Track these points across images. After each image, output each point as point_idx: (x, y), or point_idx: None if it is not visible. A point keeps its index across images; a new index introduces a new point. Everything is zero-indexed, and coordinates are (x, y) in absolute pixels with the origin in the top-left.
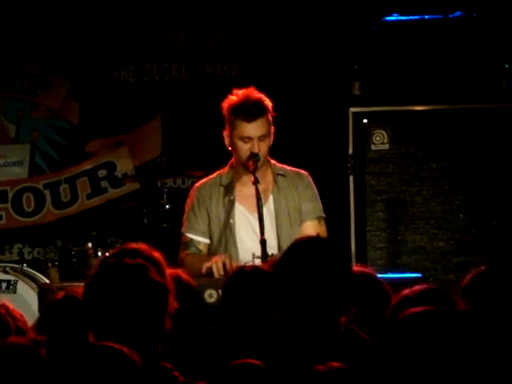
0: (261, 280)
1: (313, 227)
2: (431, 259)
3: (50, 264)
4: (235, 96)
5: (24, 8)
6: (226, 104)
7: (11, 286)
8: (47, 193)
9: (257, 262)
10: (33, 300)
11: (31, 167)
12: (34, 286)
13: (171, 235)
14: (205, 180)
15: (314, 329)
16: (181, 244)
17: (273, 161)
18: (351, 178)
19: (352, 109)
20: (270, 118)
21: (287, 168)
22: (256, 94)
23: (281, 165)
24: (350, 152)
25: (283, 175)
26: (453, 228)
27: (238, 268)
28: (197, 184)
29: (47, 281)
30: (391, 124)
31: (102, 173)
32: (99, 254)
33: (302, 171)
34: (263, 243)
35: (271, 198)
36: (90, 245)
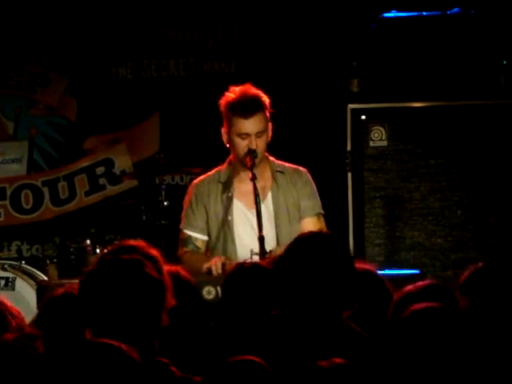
0: (260, 277)
1: (312, 224)
2: (429, 256)
3: (49, 261)
4: (232, 93)
5: (22, 5)
6: (224, 101)
7: (10, 283)
8: (45, 190)
9: (255, 259)
10: (31, 297)
11: (29, 164)
12: (33, 283)
13: (169, 232)
14: (203, 177)
15: (317, 325)
16: (179, 241)
17: (271, 158)
18: (349, 175)
19: (350, 105)
20: (268, 115)
21: (286, 165)
22: (253, 91)
23: (279, 162)
24: (349, 148)
25: (282, 172)
26: (451, 224)
27: (238, 265)
28: (195, 181)
29: (46, 278)
30: (389, 120)
31: (100, 170)
32: (97, 251)
33: (301, 168)
34: (261, 240)
35: (270, 195)
36: (89, 242)
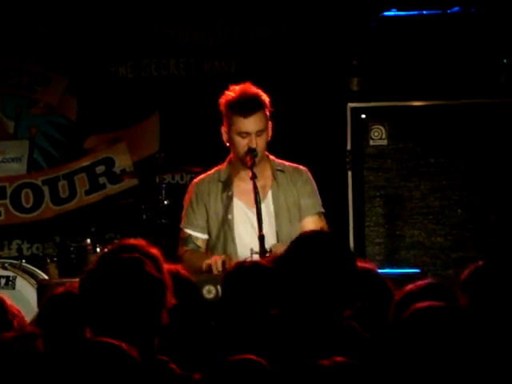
0: (260, 275)
1: (313, 223)
2: (429, 254)
3: (49, 260)
4: (232, 92)
5: (22, 4)
6: (223, 100)
7: (10, 282)
8: (46, 189)
9: (255, 258)
10: (32, 296)
11: (30, 163)
12: (33, 282)
13: (170, 231)
14: (203, 176)
15: (319, 324)
16: (179, 240)
17: (272, 156)
18: (349, 174)
19: (350, 104)
20: (268, 113)
21: (286, 164)
22: (252, 89)
23: (280, 160)
24: (349, 147)
25: (282, 171)
26: (451, 223)
27: (238, 263)
28: (195, 180)
29: (46, 277)
30: (389, 119)
31: (101, 169)
32: (98, 250)
33: (301, 167)
34: (261, 239)
35: (270, 194)
36: (89, 241)
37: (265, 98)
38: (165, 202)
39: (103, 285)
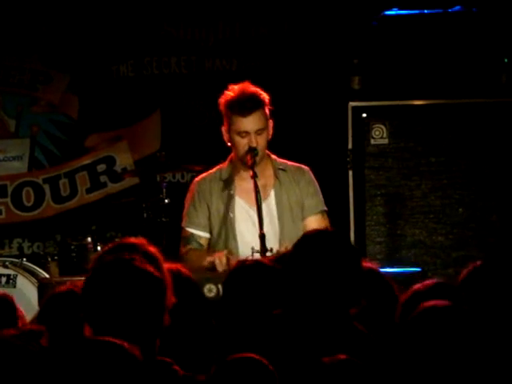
0: (262, 274)
1: (316, 222)
2: (430, 253)
3: (50, 258)
4: (231, 91)
5: (24, 3)
6: (222, 100)
7: (11, 281)
8: (47, 187)
9: (256, 257)
10: (32, 294)
11: (31, 162)
12: (34, 281)
13: (171, 229)
14: (205, 174)
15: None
16: (181, 239)
17: (273, 156)
18: (350, 173)
19: (351, 103)
20: (267, 112)
21: (288, 163)
22: (251, 88)
23: (281, 160)
24: (349, 146)
25: (284, 170)
26: (452, 222)
27: (239, 262)
28: (197, 178)
29: (47, 275)
30: (390, 118)
31: (102, 167)
32: (98, 249)
33: (303, 166)
34: (262, 237)
35: (273, 193)
36: (90, 239)
37: (264, 97)
38: (165, 201)
39: (104, 286)
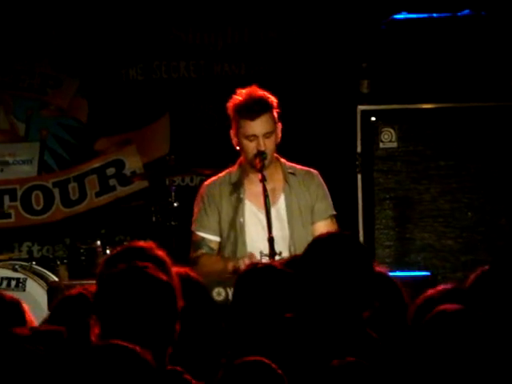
0: (273, 277)
1: (326, 226)
2: (439, 257)
3: (59, 262)
4: (239, 95)
5: (34, 7)
6: (230, 104)
7: (20, 284)
8: (56, 191)
9: (264, 260)
10: (42, 298)
11: (40, 165)
12: (44, 284)
13: (179, 233)
14: (214, 178)
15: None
16: (192, 243)
17: (283, 159)
18: (359, 176)
19: (360, 107)
20: (275, 115)
21: (297, 167)
22: (259, 92)
23: (290, 163)
24: (358, 150)
25: (294, 174)
26: (461, 226)
27: (250, 265)
28: (206, 182)
29: (56, 279)
30: (399, 122)
31: (111, 171)
32: (108, 252)
33: (312, 170)
34: (271, 241)
35: (282, 197)
36: (99, 243)
37: (272, 100)
38: (174, 204)
39: (118, 295)
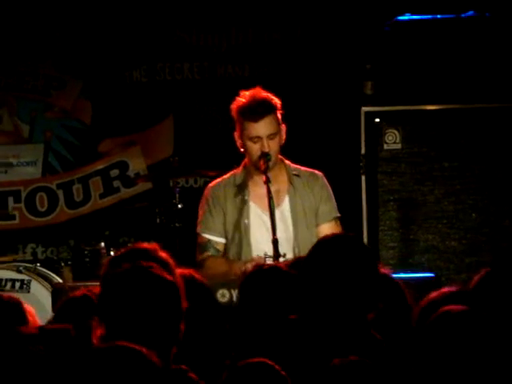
0: (279, 279)
1: (330, 229)
2: (443, 259)
3: (63, 263)
4: (242, 97)
5: (38, 9)
6: (234, 106)
7: (25, 286)
8: (60, 192)
9: (268, 262)
10: (46, 299)
11: (44, 167)
12: (48, 286)
13: (183, 235)
14: (219, 180)
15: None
16: (198, 245)
17: (287, 161)
18: (363, 178)
19: (364, 108)
20: (279, 116)
21: (301, 168)
22: (262, 94)
23: (295, 165)
24: (363, 151)
25: (298, 175)
26: (465, 227)
27: (256, 267)
28: (210, 184)
29: (60, 280)
30: (403, 123)
31: (115, 172)
32: (112, 254)
33: (317, 171)
34: (275, 243)
35: (287, 199)
36: (103, 244)
37: (275, 102)
38: (178, 206)
39: (122, 295)
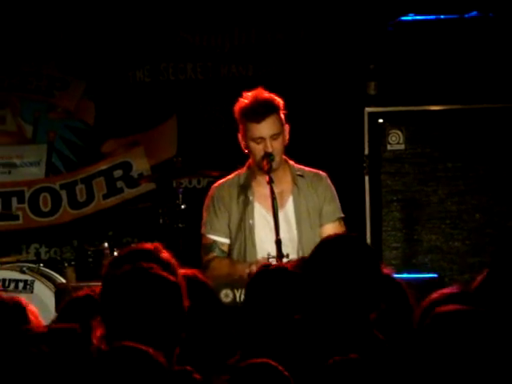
0: (285, 279)
1: (333, 229)
2: (447, 259)
3: (67, 264)
4: (245, 98)
5: (41, 9)
6: (237, 107)
7: (28, 286)
8: (63, 193)
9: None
10: (50, 300)
11: (48, 167)
12: (51, 286)
13: (187, 235)
14: (223, 180)
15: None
16: (203, 246)
17: (291, 161)
18: (367, 178)
19: (367, 109)
20: (282, 117)
21: (305, 169)
22: (264, 94)
23: (299, 165)
24: (366, 152)
25: (302, 176)
26: (468, 228)
27: (262, 267)
28: (215, 184)
29: (64, 281)
30: (407, 124)
31: (118, 173)
32: (115, 254)
33: (321, 172)
34: (278, 243)
35: (291, 200)
36: (106, 245)
37: (278, 102)
38: (182, 206)
39: (124, 295)
